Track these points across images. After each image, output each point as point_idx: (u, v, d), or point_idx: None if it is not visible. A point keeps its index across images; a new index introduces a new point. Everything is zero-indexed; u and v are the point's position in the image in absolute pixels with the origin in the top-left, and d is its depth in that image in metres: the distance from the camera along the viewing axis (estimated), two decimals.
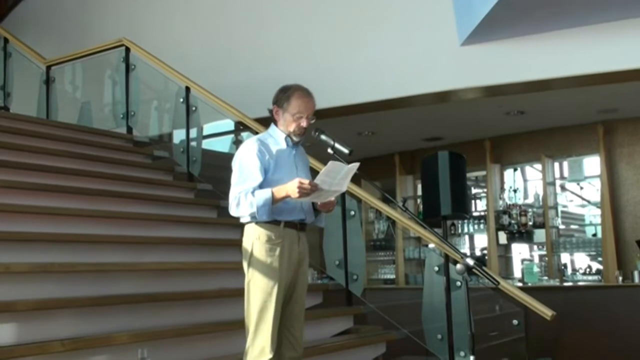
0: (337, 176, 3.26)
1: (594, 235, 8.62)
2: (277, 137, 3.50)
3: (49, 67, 7.48)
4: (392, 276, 9.58)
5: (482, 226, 9.15)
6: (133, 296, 4.10)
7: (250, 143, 3.45)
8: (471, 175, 9.37)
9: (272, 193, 3.27)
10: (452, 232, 9.32)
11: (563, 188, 9.11)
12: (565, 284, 7.99)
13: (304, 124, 3.45)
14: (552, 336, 6.59)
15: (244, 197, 3.30)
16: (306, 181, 3.22)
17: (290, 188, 3.23)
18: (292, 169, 3.46)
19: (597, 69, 6.18)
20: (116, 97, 7.25)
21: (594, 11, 5.85)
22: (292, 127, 3.46)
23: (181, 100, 6.45)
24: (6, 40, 7.88)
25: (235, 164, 3.43)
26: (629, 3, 5.69)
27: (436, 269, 4.86)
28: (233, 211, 3.37)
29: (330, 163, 3.25)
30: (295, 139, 3.49)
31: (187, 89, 6.41)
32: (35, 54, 7.67)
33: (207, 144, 6.92)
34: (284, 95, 3.48)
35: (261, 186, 3.34)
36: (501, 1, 5.53)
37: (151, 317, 4.02)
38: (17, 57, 7.81)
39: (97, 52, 7.32)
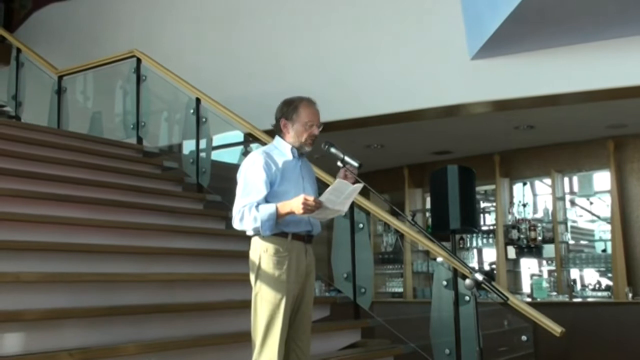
0: (342, 195, 3.28)
1: (604, 251, 8.56)
2: (282, 149, 3.50)
3: (60, 77, 7.53)
4: (400, 290, 9.54)
5: (491, 240, 9.11)
6: (141, 307, 4.11)
7: (256, 155, 3.43)
8: (480, 189, 9.34)
9: (277, 208, 3.26)
10: (461, 246, 9.28)
11: (573, 203, 9.06)
12: (575, 299, 7.93)
13: (315, 131, 3.47)
14: (562, 353, 6.53)
15: (248, 211, 3.29)
16: (311, 198, 3.21)
17: (294, 204, 3.22)
18: (299, 181, 3.47)
19: (607, 84, 6.17)
20: (127, 108, 7.28)
21: (604, 27, 5.85)
22: (304, 137, 3.46)
23: (191, 111, 6.48)
24: (19, 50, 7.94)
25: (240, 176, 3.42)
26: (639, 19, 5.68)
27: (444, 283, 4.84)
28: (236, 225, 3.36)
29: (337, 181, 3.28)
30: (307, 148, 3.49)
31: (198, 100, 6.44)
32: (47, 64, 7.72)
33: (216, 155, 6.94)
34: (291, 107, 3.48)
35: (266, 198, 3.33)
36: (511, 16, 5.54)
37: (159, 328, 4.02)
38: (29, 67, 7.86)
39: (109, 63, 7.37)
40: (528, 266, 9.27)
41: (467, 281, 3.25)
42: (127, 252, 4.61)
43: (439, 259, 5.46)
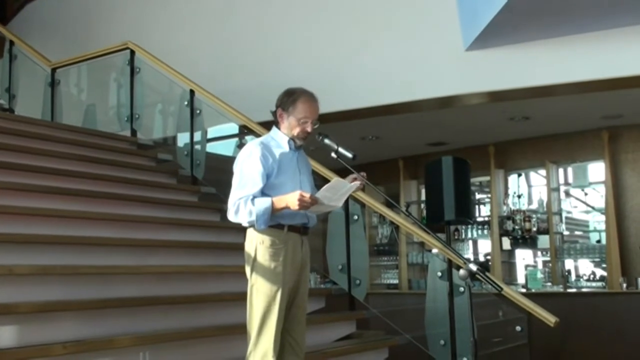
0: (338, 192, 3.30)
1: (598, 241, 8.59)
2: (279, 140, 3.49)
3: (54, 70, 7.49)
4: (395, 281, 9.56)
5: (485, 232, 9.13)
6: (135, 299, 4.10)
7: (252, 146, 3.41)
8: (475, 180, 9.35)
9: (272, 203, 3.25)
10: (456, 237, 9.30)
11: (567, 194, 9.09)
12: (569, 290, 7.96)
13: (308, 128, 3.45)
14: (556, 343, 6.57)
15: (244, 204, 3.27)
16: (307, 194, 3.21)
17: (290, 200, 3.22)
18: (295, 173, 3.46)
19: (602, 75, 6.17)
20: (121, 100, 7.25)
21: (599, 17, 5.85)
22: (296, 131, 3.45)
23: (185, 103, 6.46)
24: (12, 43, 7.89)
25: (236, 167, 3.41)
26: (634, 10, 5.68)
27: (439, 274, 4.85)
28: (231, 217, 3.35)
29: (335, 180, 3.30)
30: (298, 142, 3.48)
31: (192, 92, 6.42)
32: (40, 56, 7.68)
33: (211, 148, 6.92)
34: (290, 98, 3.46)
35: (263, 190, 3.32)
36: (506, 7, 5.53)
37: (153, 321, 4.02)
38: (23, 59, 7.82)
39: (102, 55, 7.33)
40: (523, 257, 9.30)
41: (461, 272, 3.26)
42: (122, 244, 4.60)
43: (434, 250, 5.46)
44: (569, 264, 8.75)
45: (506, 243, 8.91)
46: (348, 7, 7.54)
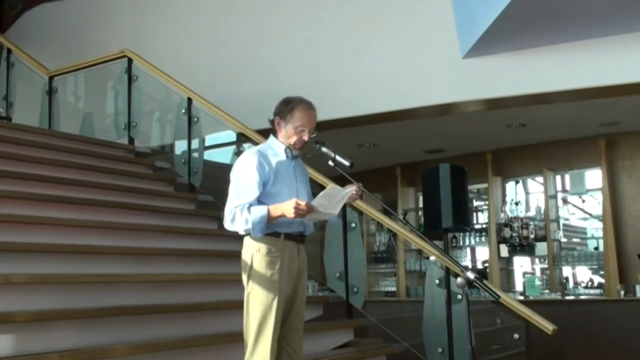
0: (334, 199, 3.29)
1: (596, 248, 8.59)
2: (276, 149, 3.49)
3: (51, 78, 7.49)
4: (393, 289, 9.55)
5: (483, 239, 9.13)
6: (132, 307, 4.09)
7: (249, 155, 3.42)
8: (472, 187, 9.35)
9: (268, 211, 3.25)
10: (454, 244, 9.30)
11: (565, 201, 9.09)
12: (567, 297, 7.96)
13: (305, 137, 3.45)
14: (554, 350, 6.56)
15: (240, 212, 3.27)
16: (303, 202, 3.21)
17: (286, 208, 3.21)
18: (292, 181, 3.46)
19: (599, 82, 6.19)
20: (118, 108, 7.26)
21: (595, 25, 5.87)
22: (293, 140, 3.45)
23: (183, 111, 6.47)
24: (9, 51, 7.90)
25: (233, 175, 3.41)
26: (630, 17, 5.71)
27: (437, 281, 4.85)
28: (228, 225, 3.35)
29: (330, 187, 3.29)
30: (295, 151, 3.48)
31: (189, 100, 6.43)
32: (38, 64, 7.68)
33: (208, 155, 6.92)
34: (287, 107, 3.46)
35: (259, 198, 3.32)
36: (503, 14, 5.55)
37: (151, 329, 4.01)
38: (20, 67, 7.82)
39: (100, 63, 7.34)
40: (521, 264, 9.29)
41: (459, 280, 3.26)
42: (119, 252, 4.59)
43: (432, 258, 5.46)
44: (566, 271, 8.74)
45: (504, 250, 8.91)
46: (344, 15, 7.57)
